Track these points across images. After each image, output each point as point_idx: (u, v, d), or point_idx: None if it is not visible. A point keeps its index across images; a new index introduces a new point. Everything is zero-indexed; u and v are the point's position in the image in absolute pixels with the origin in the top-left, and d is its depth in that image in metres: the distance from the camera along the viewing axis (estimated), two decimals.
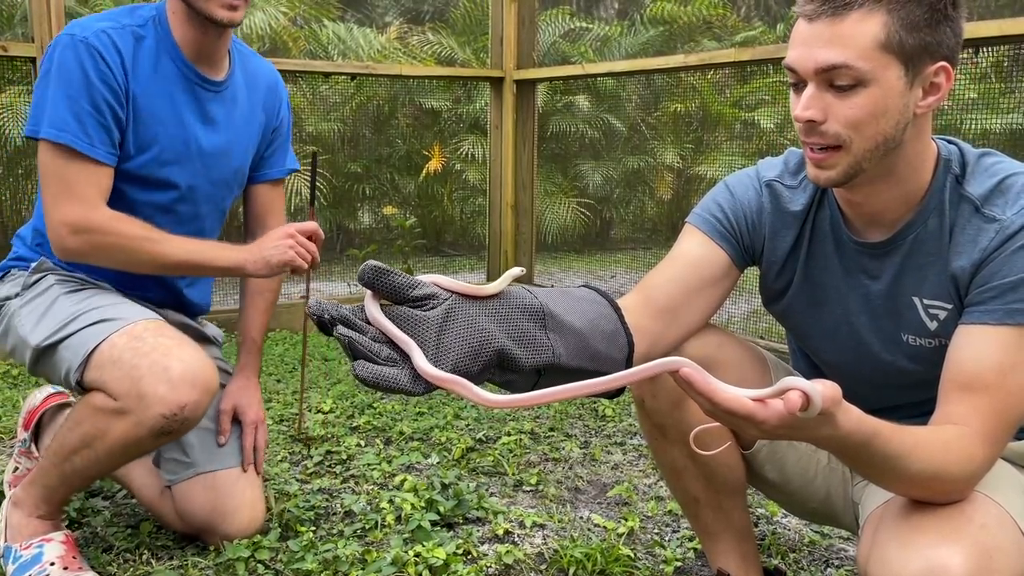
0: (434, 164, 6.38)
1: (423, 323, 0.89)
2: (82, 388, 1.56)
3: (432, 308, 0.91)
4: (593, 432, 2.68)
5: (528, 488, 2.23)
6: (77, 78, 1.58)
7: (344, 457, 2.40)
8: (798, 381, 0.89)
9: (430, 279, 0.92)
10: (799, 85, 1.15)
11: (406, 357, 0.86)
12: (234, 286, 3.80)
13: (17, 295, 1.72)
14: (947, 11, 1.10)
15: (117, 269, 1.67)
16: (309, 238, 1.72)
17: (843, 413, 0.94)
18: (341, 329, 0.87)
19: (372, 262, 0.89)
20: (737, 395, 0.90)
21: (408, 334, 0.88)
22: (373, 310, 0.88)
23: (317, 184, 5.68)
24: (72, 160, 1.59)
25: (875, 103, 1.10)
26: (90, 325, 1.58)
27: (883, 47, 1.08)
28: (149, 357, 1.49)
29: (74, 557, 1.62)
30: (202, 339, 1.91)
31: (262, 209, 1.98)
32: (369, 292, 0.90)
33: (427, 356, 0.86)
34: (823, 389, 0.90)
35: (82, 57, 1.58)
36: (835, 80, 1.10)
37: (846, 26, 1.09)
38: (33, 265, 1.75)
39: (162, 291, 1.85)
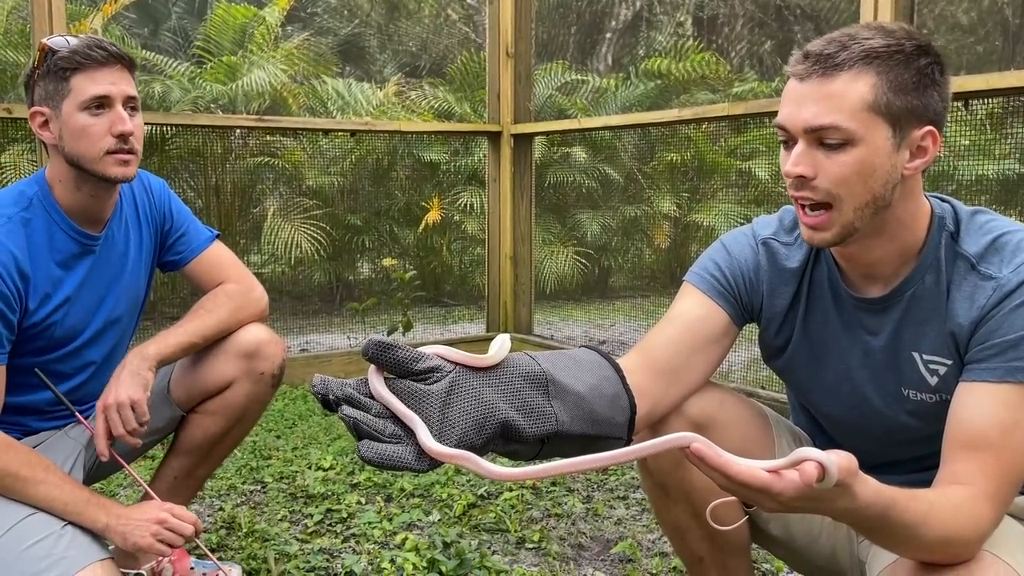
0: (433, 215, 6.43)
1: (427, 397, 0.89)
2: None
3: (436, 381, 0.91)
4: (596, 486, 2.66)
5: (531, 545, 2.20)
6: None
7: (344, 515, 2.37)
8: (813, 451, 0.88)
9: (433, 350, 0.93)
10: (789, 143, 1.17)
11: (411, 432, 0.86)
12: None
13: None
14: (934, 76, 1.13)
15: None
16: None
17: (860, 484, 0.93)
18: (346, 410, 0.87)
19: (376, 337, 0.89)
20: (751, 467, 0.89)
21: (413, 409, 0.88)
22: (377, 385, 0.88)
23: (317, 237, 5.74)
24: None
25: (863, 162, 1.12)
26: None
27: (871, 108, 1.11)
28: None
29: None
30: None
31: (206, 278, 1.89)
32: (373, 366, 0.90)
33: (432, 431, 0.86)
34: (839, 460, 0.89)
35: None
36: (824, 138, 1.13)
37: (836, 86, 1.11)
38: None
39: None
